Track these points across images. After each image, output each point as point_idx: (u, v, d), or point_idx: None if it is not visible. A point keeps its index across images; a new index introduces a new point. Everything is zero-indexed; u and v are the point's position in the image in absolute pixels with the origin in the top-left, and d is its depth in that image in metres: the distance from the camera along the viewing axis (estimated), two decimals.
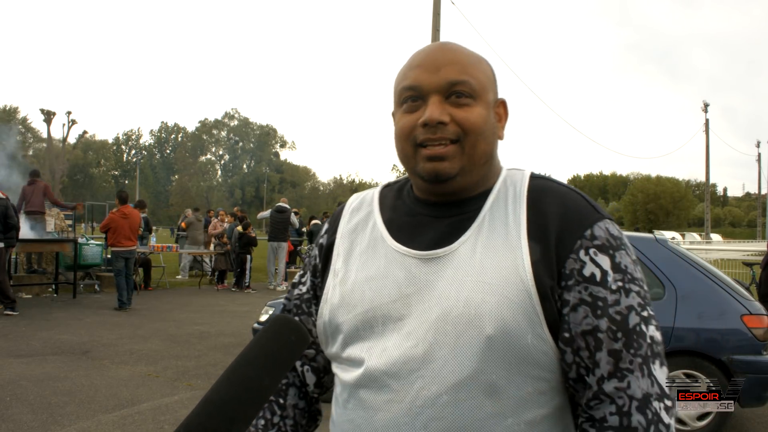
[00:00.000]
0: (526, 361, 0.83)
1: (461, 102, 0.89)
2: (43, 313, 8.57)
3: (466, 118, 0.88)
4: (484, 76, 0.93)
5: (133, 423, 4.16)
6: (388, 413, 0.85)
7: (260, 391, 0.70)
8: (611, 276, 0.83)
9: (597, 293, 0.83)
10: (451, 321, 0.83)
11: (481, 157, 0.90)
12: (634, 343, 0.82)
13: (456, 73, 0.89)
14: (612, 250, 0.85)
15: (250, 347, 0.73)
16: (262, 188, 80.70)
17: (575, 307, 0.83)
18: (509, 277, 0.83)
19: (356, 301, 0.91)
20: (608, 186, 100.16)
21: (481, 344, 0.81)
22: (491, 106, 0.93)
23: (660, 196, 65.00)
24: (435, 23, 15.02)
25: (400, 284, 0.88)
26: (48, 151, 48.07)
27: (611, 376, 0.81)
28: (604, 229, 0.86)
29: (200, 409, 0.68)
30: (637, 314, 0.83)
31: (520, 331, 0.81)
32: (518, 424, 0.83)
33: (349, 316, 0.91)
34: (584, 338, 0.82)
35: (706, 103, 35.99)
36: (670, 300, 4.24)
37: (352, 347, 0.91)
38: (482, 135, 0.90)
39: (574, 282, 0.83)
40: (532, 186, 0.91)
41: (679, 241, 19.43)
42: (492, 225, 0.88)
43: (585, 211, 0.87)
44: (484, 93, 0.91)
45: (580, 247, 0.84)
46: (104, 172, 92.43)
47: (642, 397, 0.80)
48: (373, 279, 0.91)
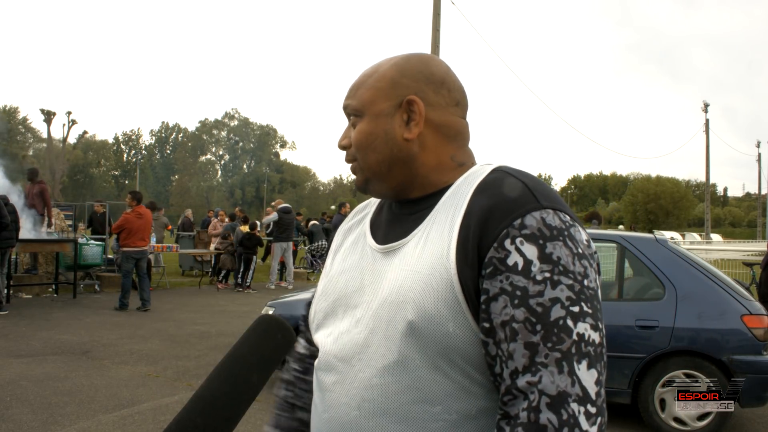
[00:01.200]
0: (451, 350, 0.82)
1: (353, 123, 0.98)
2: (43, 313, 8.57)
3: (355, 138, 0.97)
4: (374, 88, 0.96)
5: (133, 423, 4.17)
6: (334, 393, 0.91)
7: (249, 388, 0.72)
8: (537, 266, 0.79)
9: (517, 282, 0.79)
10: (386, 308, 0.87)
11: (378, 165, 0.95)
12: (554, 337, 0.76)
13: (346, 98, 0.99)
14: (543, 240, 0.80)
15: (238, 346, 0.75)
16: (262, 188, 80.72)
17: (495, 296, 0.80)
18: (435, 266, 0.85)
19: (330, 291, 1.00)
20: (608, 186, 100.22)
21: (404, 330, 0.84)
22: (385, 113, 0.95)
23: (660, 196, 64.99)
24: (435, 23, 15.04)
25: (364, 275, 0.95)
26: (48, 151, 48.14)
27: (525, 371, 0.76)
28: (538, 218, 0.81)
29: (191, 405, 0.69)
30: (563, 308, 0.77)
31: (440, 319, 0.82)
32: (449, 413, 0.83)
33: (324, 304, 1.00)
34: (503, 329, 0.79)
35: (706, 103, 36.04)
36: (670, 300, 4.25)
37: (319, 333, 1.00)
38: (368, 148, 0.96)
39: (497, 271, 0.80)
40: (484, 179, 0.90)
41: (679, 241, 19.44)
42: (438, 219, 0.90)
43: (520, 200, 0.83)
44: (370, 106, 0.96)
45: (506, 236, 0.81)
46: (104, 172, 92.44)
47: (556, 394, 0.74)
48: (346, 271, 0.99)
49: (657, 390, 4.22)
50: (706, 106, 35.99)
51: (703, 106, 36.03)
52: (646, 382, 4.25)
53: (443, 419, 0.83)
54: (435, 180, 0.95)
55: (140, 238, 9.00)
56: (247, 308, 9.60)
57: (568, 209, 0.87)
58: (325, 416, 0.92)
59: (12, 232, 8.41)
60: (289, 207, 12.96)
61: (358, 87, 0.98)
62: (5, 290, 8.58)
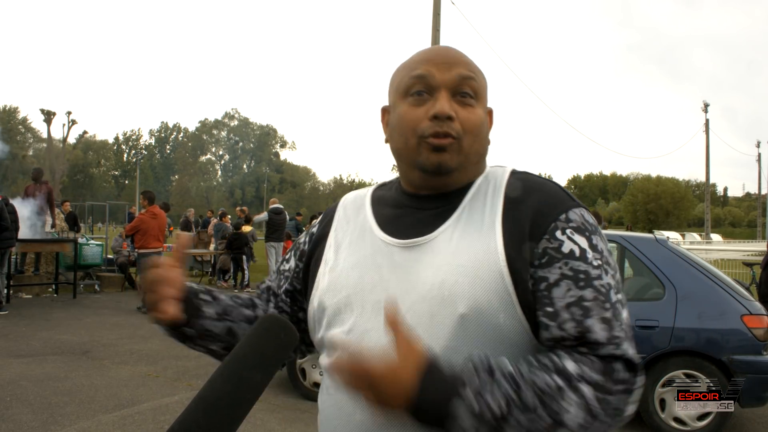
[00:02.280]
0: (500, 341, 0.84)
1: (466, 102, 0.94)
2: (43, 313, 8.56)
3: (468, 118, 0.93)
4: (485, 82, 0.99)
5: (133, 423, 4.16)
6: None
7: (252, 388, 0.71)
8: (590, 254, 0.85)
9: (578, 267, 0.84)
10: (426, 303, 0.87)
11: (475, 156, 0.95)
12: (619, 317, 0.83)
13: (466, 70, 0.94)
14: (588, 232, 0.88)
15: (241, 345, 0.74)
16: (262, 188, 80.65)
17: (557, 282, 0.84)
18: (482, 259, 0.86)
19: (341, 286, 0.96)
20: (608, 186, 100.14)
21: (454, 323, 0.84)
22: (486, 111, 0.99)
23: (660, 196, 64.94)
24: (435, 23, 15.02)
25: (382, 270, 0.93)
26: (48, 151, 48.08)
27: (609, 342, 0.81)
28: (579, 214, 0.89)
29: (194, 406, 0.69)
30: (616, 293, 0.85)
31: (492, 310, 0.84)
32: None
33: (334, 299, 0.96)
34: (569, 310, 0.82)
35: (706, 103, 36.06)
36: (670, 300, 4.24)
37: (333, 329, 0.95)
38: (479, 136, 0.95)
39: (553, 259, 0.85)
40: (511, 179, 0.95)
41: (679, 241, 19.42)
42: (470, 215, 0.92)
43: (560, 197, 0.91)
44: (484, 96, 0.98)
45: (556, 228, 0.87)
46: (104, 172, 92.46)
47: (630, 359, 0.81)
48: (357, 265, 0.96)
49: (657, 390, 4.22)
50: (706, 106, 36.02)
51: (703, 106, 36.10)
52: (646, 382, 4.24)
53: None
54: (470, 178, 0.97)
55: (156, 238, 8.86)
56: None
57: None
58: (358, 417, 0.88)
59: (12, 232, 8.42)
60: (281, 207, 12.95)
61: (476, 69, 0.97)
62: (5, 290, 8.57)
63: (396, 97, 0.98)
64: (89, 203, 20.73)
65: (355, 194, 1.09)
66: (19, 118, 75.75)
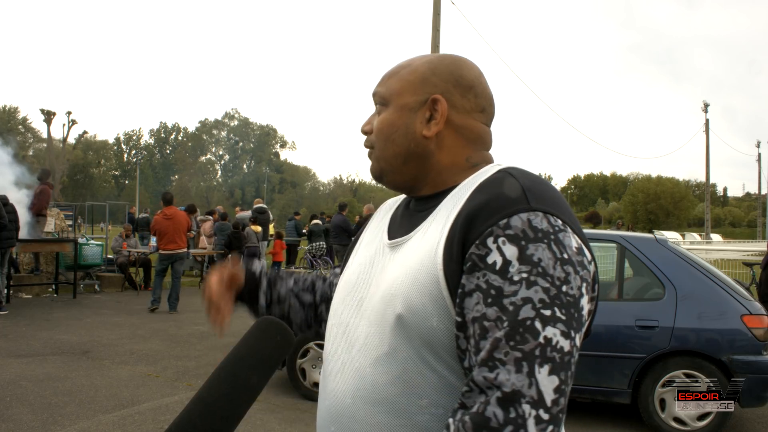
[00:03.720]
0: (436, 345, 0.84)
1: (378, 111, 1.00)
2: (43, 313, 8.57)
3: (375, 126, 0.99)
4: (404, 81, 0.98)
5: (133, 423, 4.16)
6: (334, 382, 0.94)
7: (249, 389, 0.72)
8: (515, 267, 0.78)
9: (493, 281, 0.78)
10: (380, 300, 0.90)
11: (394, 157, 0.97)
12: (518, 336, 0.75)
13: (377, 85, 1.01)
14: (525, 241, 0.79)
15: (238, 347, 0.75)
16: (262, 188, 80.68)
17: (471, 292, 0.80)
18: (424, 261, 0.87)
19: (343, 284, 1.04)
20: (608, 186, 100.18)
21: (393, 322, 0.86)
22: (409, 107, 0.96)
23: (660, 196, 64.98)
24: (435, 23, 15.03)
25: (372, 270, 0.99)
26: (48, 151, 48.13)
27: (483, 364, 0.75)
28: (524, 220, 0.80)
29: (191, 407, 0.70)
30: (534, 309, 0.76)
31: (425, 313, 0.84)
32: (435, 407, 0.84)
33: (337, 297, 1.04)
34: (473, 325, 0.79)
35: (706, 104, 36.05)
36: (670, 300, 4.25)
37: (329, 322, 1.04)
38: (388, 138, 0.97)
39: (475, 267, 0.80)
40: (486, 179, 0.90)
41: (679, 241, 19.43)
42: (439, 216, 0.92)
43: (511, 200, 0.83)
44: (397, 97, 0.97)
45: (489, 234, 0.80)
46: (104, 172, 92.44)
47: (510, 392, 0.72)
48: (360, 265, 1.03)
49: (657, 390, 4.22)
50: (706, 106, 36.02)
51: (703, 106, 36.09)
52: (646, 382, 4.25)
53: (430, 413, 0.84)
54: (447, 179, 0.97)
55: (170, 240, 8.94)
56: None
57: (565, 214, 0.85)
58: (326, 403, 0.95)
59: (12, 232, 8.41)
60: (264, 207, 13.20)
61: (390, 76, 1.00)
62: (5, 290, 8.58)
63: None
64: (89, 203, 20.72)
65: (392, 201, 1.14)
66: (19, 118, 75.81)
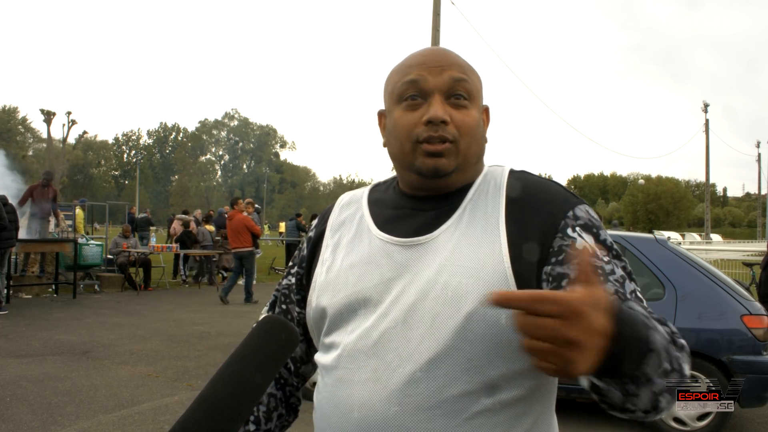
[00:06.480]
0: (502, 342, 0.84)
1: (459, 104, 0.94)
2: (43, 313, 8.56)
3: (463, 121, 0.93)
4: (478, 81, 0.99)
5: (133, 423, 4.16)
6: (365, 391, 0.87)
7: (253, 389, 0.72)
8: (599, 251, 0.87)
9: (594, 263, 0.84)
10: (429, 302, 0.87)
11: (473, 157, 0.96)
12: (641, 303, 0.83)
13: (458, 72, 0.94)
14: (595, 228, 0.90)
15: (242, 346, 0.75)
16: (262, 188, 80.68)
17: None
18: (485, 260, 0.87)
19: (341, 286, 0.95)
20: (608, 186, 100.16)
21: (457, 323, 0.84)
22: (480, 110, 0.99)
23: (660, 196, 64.95)
24: (435, 23, 15.02)
25: (382, 269, 0.93)
26: (48, 152, 48.08)
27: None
28: (584, 210, 0.91)
29: (195, 407, 0.70)
30: (631, 281, 0.86)
31: (494, 312, 0.83)
32: (493, 403, 0.85)
33: (334, 300, 0.95)
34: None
35: (706, 104, 36.03)
36: (670, 300, 4.24)
37: (336, 331, 0.95)
38: (475, 137, 0.95)
39: (569, 256, 0.86)
40: (511, 179, 0.96)
41: (679, 241, 19.42)
42: (472, 215, 0.92)
43: (564, 195, 0.93)
44: (477, 97, 0.97)
45: (566, 226, 0.89)
46: (104, 172, 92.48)
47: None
48: (357, 265, 0.95)
49: None
50: (706, 107, 36.00)
51: (703, 107, 36.07)
52: None
53: (488, 410, 0.85)
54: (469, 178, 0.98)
55: (234, 239, 9.94)
56: (247, 308, 9.60)
57: None
58: (356, 416, 0.88)
59: (12, 232, 8.41)
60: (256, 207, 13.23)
61: (468, 69, 0.97)
62: (5, 290, 8.58)
63: (390, 102, 0.98)
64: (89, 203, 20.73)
65: (351, 194, 1.09)
66: (18, 118, 75.80)
